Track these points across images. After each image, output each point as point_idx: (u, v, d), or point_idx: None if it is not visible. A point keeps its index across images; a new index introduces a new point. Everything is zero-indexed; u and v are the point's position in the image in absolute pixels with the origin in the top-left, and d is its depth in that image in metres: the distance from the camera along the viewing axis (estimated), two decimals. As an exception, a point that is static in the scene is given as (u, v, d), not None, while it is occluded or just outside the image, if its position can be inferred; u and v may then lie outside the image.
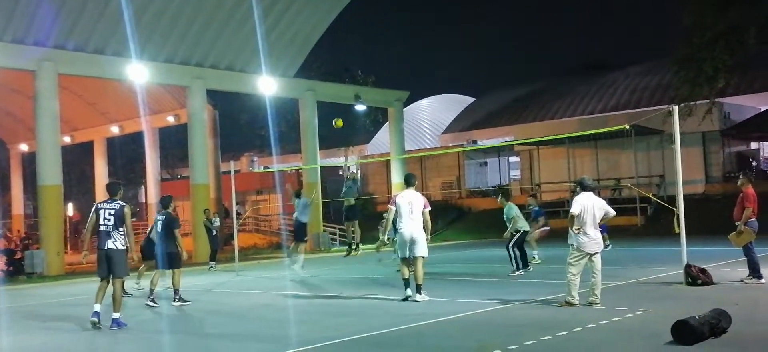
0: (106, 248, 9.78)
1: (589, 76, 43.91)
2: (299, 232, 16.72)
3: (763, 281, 11.53)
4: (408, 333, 8.67)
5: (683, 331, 7.20)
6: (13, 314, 12.39)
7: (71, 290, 16.33)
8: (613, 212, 10.21)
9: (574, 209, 9.89)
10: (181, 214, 40.96)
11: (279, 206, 31.27)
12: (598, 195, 10.98)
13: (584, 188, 10.21)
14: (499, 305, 10.36)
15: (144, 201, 43.89)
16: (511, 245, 14.99)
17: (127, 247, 9.87)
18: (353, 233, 18.00)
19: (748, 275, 11.73)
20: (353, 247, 17.87)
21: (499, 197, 16.22)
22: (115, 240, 9.76)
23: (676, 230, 11.96)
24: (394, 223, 11.68)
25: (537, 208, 17.60)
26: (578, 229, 9.87)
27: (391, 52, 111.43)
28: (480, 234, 30.44)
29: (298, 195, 17.16)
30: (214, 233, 20.56)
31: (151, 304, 12.01)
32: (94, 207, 10.11)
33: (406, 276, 11.25)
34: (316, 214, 27.89)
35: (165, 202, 12.58)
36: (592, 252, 9.90)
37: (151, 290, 12.22)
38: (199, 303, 12.07)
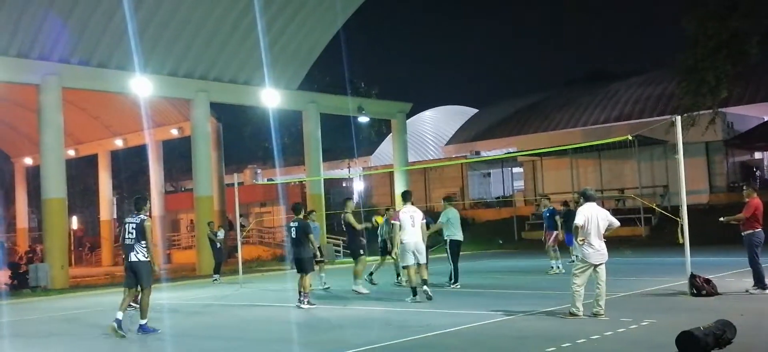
0: (130, 260, 10.26)
1: (592, 87, 43.93)
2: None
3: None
4: (412, 345, 8.66)
5: (688, 342, 7.19)
6: (18, 328, 12.40)
7: (76, 303, 16.35)
8: (617, 223, 10.18)
9: (578, 220, 9.89)
10: (185, 226, 41.33)
11: (282, 219, 31.26)
12: (602, 205, 11.00)
13: (587, 198, 10.21)
14: (503, 317, 10.35)
15: (148, 214, 43.93)
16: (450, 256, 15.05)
17: (149, 259, 10.27)
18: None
19: (753, 286, 11.70)
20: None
21: (444, 203, 16.16)
22: (138, 253, 10.23)
23: (680, 241, 11.95)
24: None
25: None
26: (582, 240, 9.87)
27: (394, 63, 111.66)
28: (484, 245, 30.42)
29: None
30: (219, 245, 20.53)
31: (308, 305, 12.34)
32: (122, 222, 10.71)
33: (415, 283, 12.35)
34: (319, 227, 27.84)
35: (297, 209, 13.13)
36: (597, 263, 9.89)
37: (300, 292, 12.53)
38: (203, 315, 12.08)
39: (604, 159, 33.28)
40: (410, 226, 12.37)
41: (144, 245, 10.23)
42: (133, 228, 10.26)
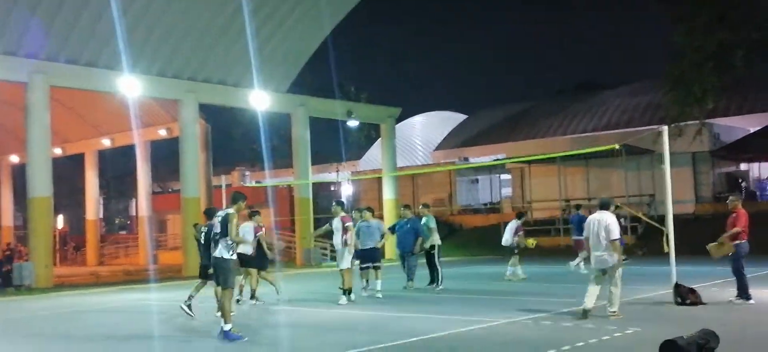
0: (213, 256, 9.93)
1: (581, 96, 44.19)
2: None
3: (751, 301, 11.59)
4: (398, 349, 8.67)
5: (671, 351, 7.23)
6: (4, 327, 12.30)
7: (60, 303, 16.23)
8: (614, 235, 10.37)
9: (584, 233, 10.81)
10: (172, 228, 41.11)
11: (271, 221, 31.20)
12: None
13: (600, 206, 10.93)
14: (487, 323, 10.37)
15: (134, 214, 43.66)
16: (437, 260, 15.72)
17: (233, 257, 9.85)
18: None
19: (737, 296, 11.78)
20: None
21: (420, 207, 16.87)
22: (221, 249, 9.72)
23: (666, 250, 12.05)
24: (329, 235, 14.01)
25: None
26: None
27: (384, 68, 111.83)
28: (471, 251, 30.48)
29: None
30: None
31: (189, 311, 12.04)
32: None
33: (350, 285, 13.29)
34: (306, 229, 27.80)
35: (210, 213, 12.49)
36: (598, 268, 10.50)
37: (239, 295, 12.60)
38: (191, 316, 11.99)
39: (592, 167, 33.45)
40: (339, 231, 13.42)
41: (229, 242, 9.61)
42: (219, 221, 9.73)
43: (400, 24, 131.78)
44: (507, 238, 17.66)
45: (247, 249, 12.72)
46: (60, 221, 39.62)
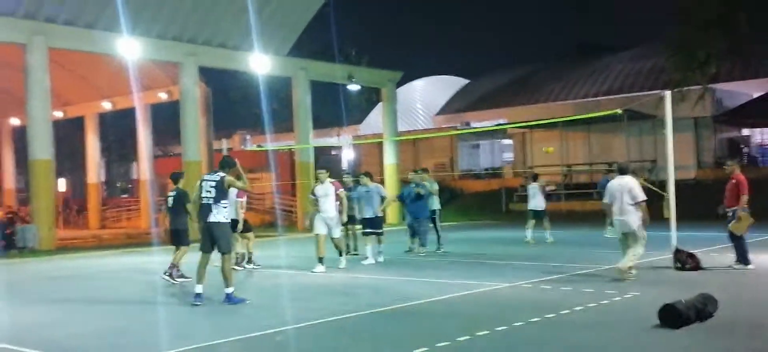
0: (207, 221, 9.62)
1: (583, 60, 43.87)
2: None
3: (751, 266, 11.64)
4: (400, 312, 8.75)
5: (670, 315, 7.30)
6: (9, 289, 12.40)
7: (64, 265, 16.35)
8: (640, 196, 10.69)
9: (605, 198, 11.12)
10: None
11: (273, 185, 31.23)
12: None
13: (620, 172, 11.14)
14: (488, 287, 10.44)
15: (136, 178, 43.72)
16: (435, 223, 15.71)
17: (229, 220, 9.86)
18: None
19: (736, 261, 11.83)
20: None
21: (419, 172, 16.31)
22: (217, 213, 9.58)
23: (666, 215, 12.09)
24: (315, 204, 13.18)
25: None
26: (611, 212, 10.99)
27: (386, 32, 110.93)
28: (472, 216, 30.57)
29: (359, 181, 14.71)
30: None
31: (180, 279, 12.03)
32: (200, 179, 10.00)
33: (323, 253, 12.72)
34: (307, 194, 27.82)
35: (176, 177, 12.56)
36: (620, 232, 10.92)
37: (172, 264, 12.32)
38: (185, 281, 12.09)
39: (594, 132, 33.37)
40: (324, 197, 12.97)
41: (224, 205, 9.59)
42: (211, 186, 9.57)
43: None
44: (539, 202, 17.26)
45: (238, 215, 12.81)
46: (62, 184, 39.70)
